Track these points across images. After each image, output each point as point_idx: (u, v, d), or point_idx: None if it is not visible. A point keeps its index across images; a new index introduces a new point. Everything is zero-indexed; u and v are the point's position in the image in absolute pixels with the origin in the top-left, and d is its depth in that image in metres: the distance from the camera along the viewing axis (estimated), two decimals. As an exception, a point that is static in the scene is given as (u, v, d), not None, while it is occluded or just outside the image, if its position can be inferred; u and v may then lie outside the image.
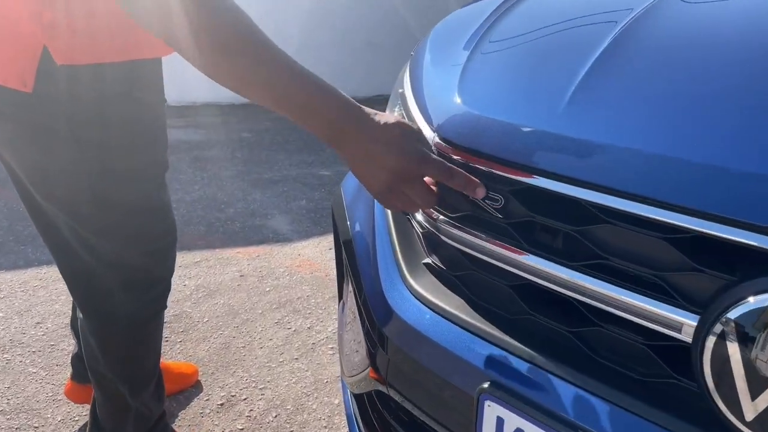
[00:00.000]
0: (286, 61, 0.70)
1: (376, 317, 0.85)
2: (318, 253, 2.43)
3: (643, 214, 0.58)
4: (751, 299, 0.51)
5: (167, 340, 1.77)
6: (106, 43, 0.94)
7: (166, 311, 1.26)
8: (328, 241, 2.53)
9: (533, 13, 1.06)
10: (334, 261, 2.34)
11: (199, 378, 1.64)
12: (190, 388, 1.60)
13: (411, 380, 0.81)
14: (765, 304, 0.50)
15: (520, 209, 0.70)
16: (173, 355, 1.74)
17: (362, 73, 5.17)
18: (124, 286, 1.14)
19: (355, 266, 0.96)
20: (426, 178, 0.74)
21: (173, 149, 3.75)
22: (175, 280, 1.71)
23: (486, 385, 0.66)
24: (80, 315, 1.21)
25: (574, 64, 0.77)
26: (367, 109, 0.74)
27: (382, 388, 0.88)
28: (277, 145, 3.96)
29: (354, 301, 0.97)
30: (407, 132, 0.73)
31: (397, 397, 0.84)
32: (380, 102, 5.09)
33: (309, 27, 4.90)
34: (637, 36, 0.83)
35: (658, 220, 0.57)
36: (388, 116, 0.74)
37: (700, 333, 0.54)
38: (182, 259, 2.27)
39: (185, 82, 4.76)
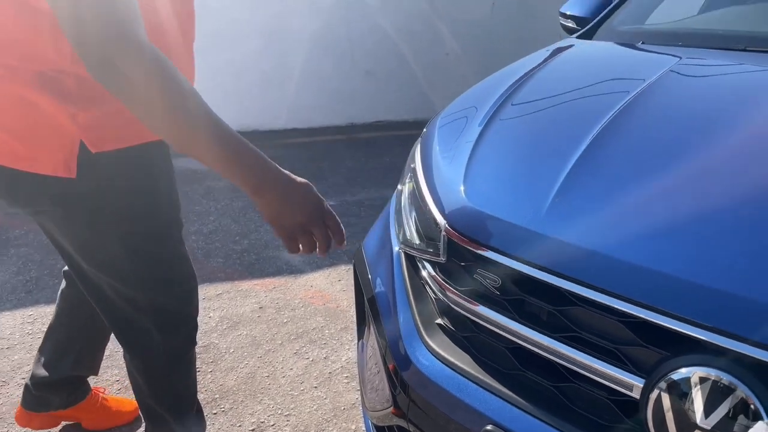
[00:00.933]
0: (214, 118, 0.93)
1: (398, 367, 1.05)
2: (328, 284, 2.63)
3: (604, 302, 0.78)
4: (682, 369, 0.72)
5: (200, 370, 1.97)
6: (128, 130, 1.12)
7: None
8: (337, 272, 2.73)
9: (527, 108, 1.28)
10: (343, 292, 2.54)
11: (231, 405, 1.83)
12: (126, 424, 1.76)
13: (427, 419, 1.01)
14: (690, 374, 0.71)
15: (513, 289, 0.90)
16: (206, 384, 1.94)
17: (362, 101, 5.39)
18: (160, 328, 1.34)
19: (379, 322, 1.16)
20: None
21: (186, 180, 3.95)
22: (201, 312, 1.89)
23: (489, 427, 0.86)
24: (126, 355, 1.41)
25: (557, 165, 0.98)
26: (282, 171, 0.99)
27: (402, 423, 1.08)
28: (283, 173, 4.17)
29: (377, 350, 1.17)
30: (311, 192, 0.99)
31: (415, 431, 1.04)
32: (379, 128, 5.25)
33: (311, 56, 5.11)
34: (618, 132, 1.04)
35: (615, 308, 0.78)
36: (297, 178, 0.99)
37: (646, 392, 0.74)
38: (206, 291, 2.46)
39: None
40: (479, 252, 0.94)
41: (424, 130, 1.45)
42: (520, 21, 5.61)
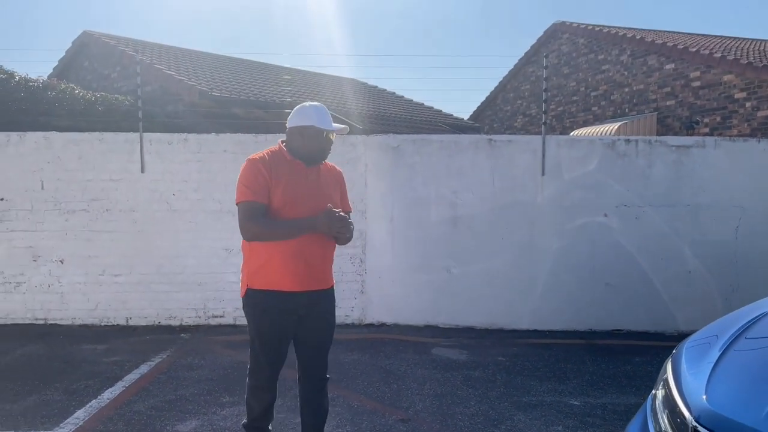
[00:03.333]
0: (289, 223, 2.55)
1: None
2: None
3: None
4: None
5: None
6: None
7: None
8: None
9: (758, 342, 1.78)
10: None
11: None
12: None
13: None
14: None
15: (744, 468, 1.38)
16: None
17: (602, 310, 5.84)
18: None
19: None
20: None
21: (447, 367, 4.73)
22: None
23: None
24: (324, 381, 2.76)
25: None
26: (314, 218, 2.54)
27: None
28: (528, 370, 4.70)
29: None
30: (322, 218, 2.52)
31: None
32: (618, 336, 5.61)
33: (553, 269, 5.85)
34: None
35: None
36: (318, 216, 2.53)
37: None
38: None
39: (454, 307, 5.90)
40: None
41: (674, 351, 1.99)
42: (766, 246, 5.73)
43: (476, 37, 70.56)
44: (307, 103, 2.72)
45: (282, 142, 2.72)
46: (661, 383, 1.91)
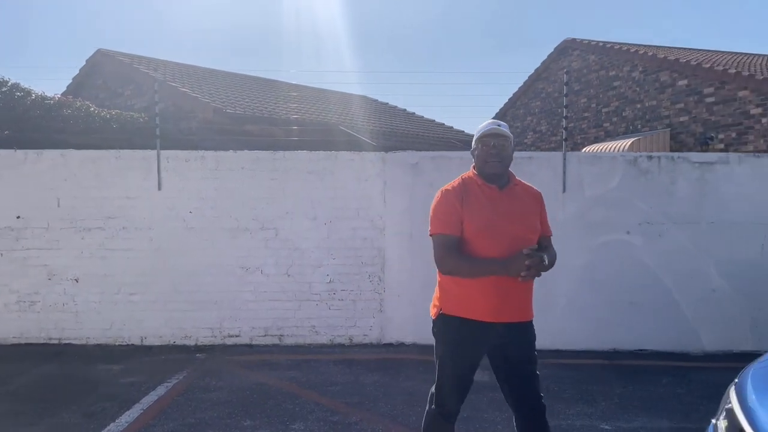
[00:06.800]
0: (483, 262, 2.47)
1: None
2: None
3: None
4: None
5: None
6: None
7: None
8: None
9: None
10: None
11: None
12: None
13: None
14: None
15: None
16: None
17: (626, 330, 5.71)
18: None
19: None
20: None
21: (471, 389, 4.60)
22: None
23: None
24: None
25: None
26: (504, 259, 2.41)
27: None
28: (553, 393, 4.57)
29: None
30: (510, 260, 2.40)
31: None
32: (643, 357, 5.46)
33: (575, 287, 5.73)
34: None
35: None
36: (508, 258, 2.40)
37: None
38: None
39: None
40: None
41: (738, 377, 1.89)
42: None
43: (486, 53, 71.01)
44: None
45: (474, 166, 2.66)
46: (724, 413, 1.80)
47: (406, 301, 5.84)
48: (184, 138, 7.69)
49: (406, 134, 11.65)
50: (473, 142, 2.63)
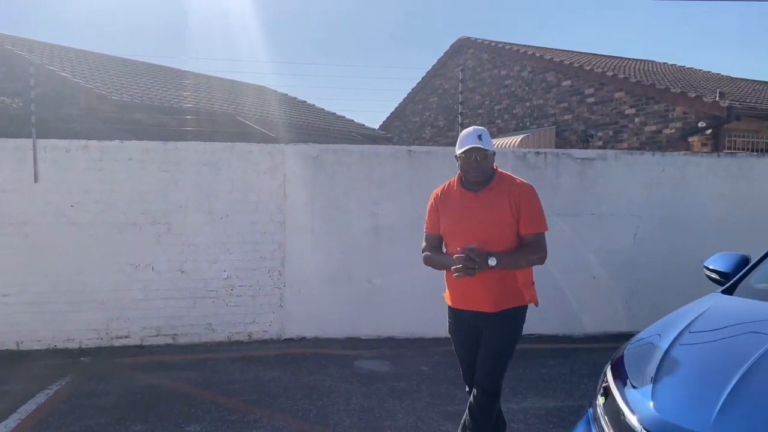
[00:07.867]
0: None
1: None
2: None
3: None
4: None
5: None
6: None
7: None
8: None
9: (691, 349, 1.87)
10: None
11: None
12: None
13: None
14: None
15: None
16: None
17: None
18: None
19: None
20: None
21: (371, 380, 4.67)
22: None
23: None
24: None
25: (719, 391, 1.54)
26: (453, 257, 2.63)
27: None
28: (450, 379, 4.73)
29: None
30: (457, 257, 2.57)
31: None
32: (531, 341, 5.73)
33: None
34: (762, 366, 1.59)
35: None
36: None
37: None
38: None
39: (375, 318, 5.86)
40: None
41: (614, 356, 2.05)
42: (663, 255, 6.17)
43: (386, 49, 71.77)
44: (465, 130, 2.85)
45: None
46: (602, 390, 1.95)
47: (307, 296, 5.80)
48: (64, 126, 7.12)
49: (308, 126, 11.53)
50: (457, 149, 2.80)
